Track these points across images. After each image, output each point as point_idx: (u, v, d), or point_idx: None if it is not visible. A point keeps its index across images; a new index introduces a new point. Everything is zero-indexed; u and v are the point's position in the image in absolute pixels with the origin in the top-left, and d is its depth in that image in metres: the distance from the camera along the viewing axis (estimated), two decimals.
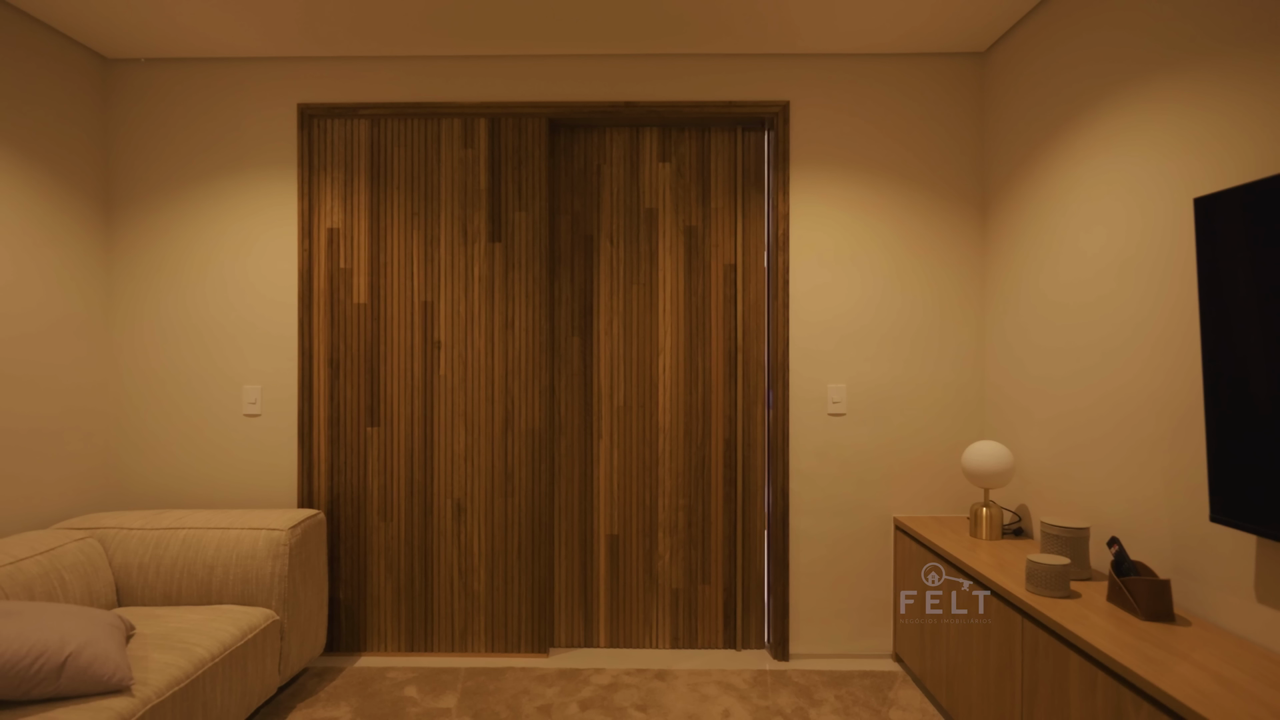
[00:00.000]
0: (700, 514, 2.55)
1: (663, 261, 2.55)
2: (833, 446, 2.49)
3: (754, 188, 2.55)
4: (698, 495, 2.55)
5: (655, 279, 2.56)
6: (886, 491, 2.49)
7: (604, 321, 2.56)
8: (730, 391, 2.55)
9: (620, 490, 2.56)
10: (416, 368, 2.50)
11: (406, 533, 2.50)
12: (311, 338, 2.49)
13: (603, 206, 2.57)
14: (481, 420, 2.49)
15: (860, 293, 2.49)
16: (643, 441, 2.56)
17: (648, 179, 2.56)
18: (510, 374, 2.50)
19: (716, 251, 2.56)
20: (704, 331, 2.55)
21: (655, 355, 2.55)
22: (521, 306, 2.49)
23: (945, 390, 2.49)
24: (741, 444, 2.54)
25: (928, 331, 2.49)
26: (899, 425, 2.49)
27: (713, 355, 2.54)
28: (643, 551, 2.56)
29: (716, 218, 2.56)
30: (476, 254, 2.49)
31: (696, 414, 2.55)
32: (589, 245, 2.57)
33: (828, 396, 2.49)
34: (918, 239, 2.49)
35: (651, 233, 2.56)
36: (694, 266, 2.55)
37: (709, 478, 2.55)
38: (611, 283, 2.56)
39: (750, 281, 2.54)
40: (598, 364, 2.56)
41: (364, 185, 2.50)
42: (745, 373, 2.54)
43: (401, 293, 2.50)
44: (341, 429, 2.49)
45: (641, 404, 2.55)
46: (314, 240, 2.49)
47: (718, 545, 2.55)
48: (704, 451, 2.55)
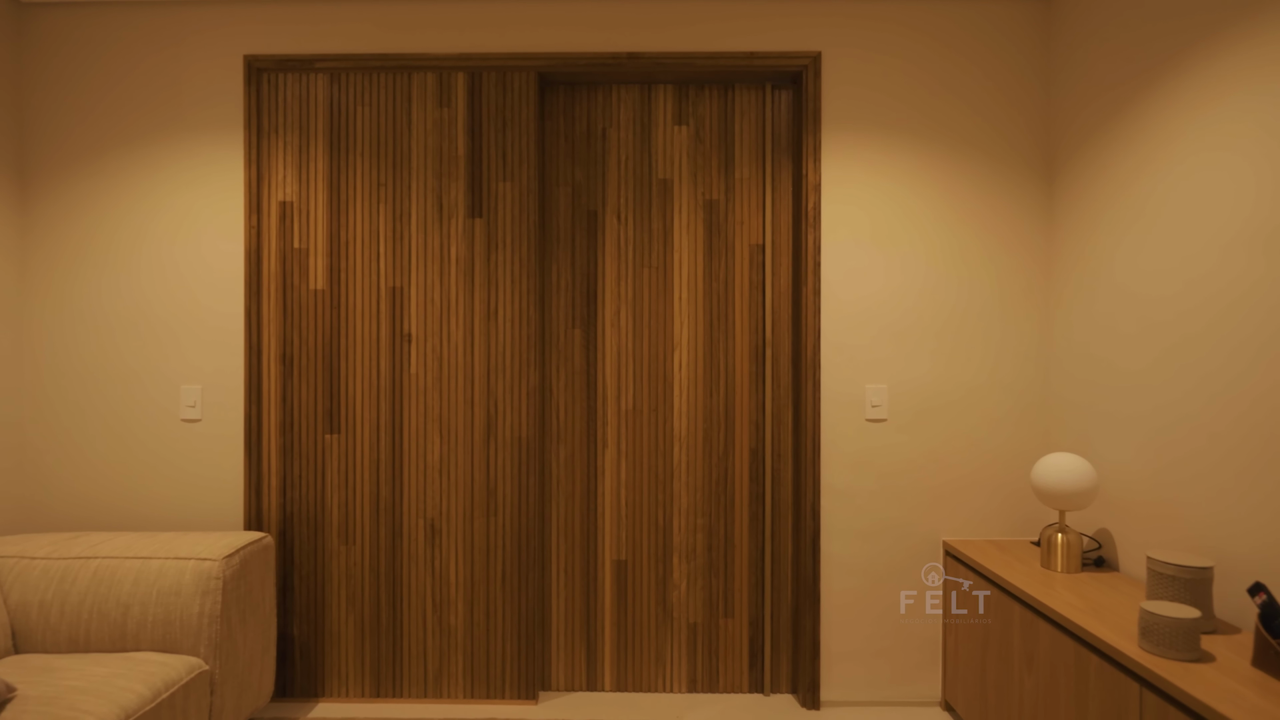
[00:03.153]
0: (722, 536, 2.19)
1: (679, 241, 2.19)
2: (871, 457, 2.12)
3: (785, 155, 2.19)
4: (719, 514, 2.19)
5: (670, 261, 2.19)
6: (934, 511, 2.12)
7: (610, 311, 2.20)
8: (757, 393, 2.18)
9: (629, 508, 2.19)
10: (383, 365, 2.13)
11: (372, 558, 2.13)
12: (260, 330, 2.13)
13: (609, 177, 2.20)
14: (459, 426, 2.13)
15: (903, 277, 2.12)
16: (655, 451, 2.19)
17: (661, 145, 2.19)
18: (493, 372, 2.13)
19: (742, 230, 2.19)
20: (727, 323, 2.18)
21: (670, 351, 2.19)
22: (506, 293, 2.13)
23: (1004, 392, 2.12)
24: (771, 454, 2.17)
25: (983, 323, 2.12)
26: (948, 433, 2.12)
27: (737, 351, 2.17)
28: (655, 579, 2.19)
29: (742, 190, 2.19)
30: (453, 232, 2.13)
31: (718, 420, 2.19)
32: (592, 222, 2.20)
33: (865, 399, 2.12)
34: (970, 213, 2.12)
35: (666, 207, 2.19)
36: (715, 247, 2.19)
37: (732, 494, 2.19)
38: (619, 266, 2.19)
39: (782, 264, 2.18)
40: (602, 361, 2.20)
41: (322, 151, 2.13)
42: (775, 371, 2.17)
43: (366, 277, 2.13)
44: (295, 436, 2.13)
45: (654, 408, 2.19)
46: (263, 215, 2.13)
47: (742, 572, 2.19)
48: (726, 463, 2.19)
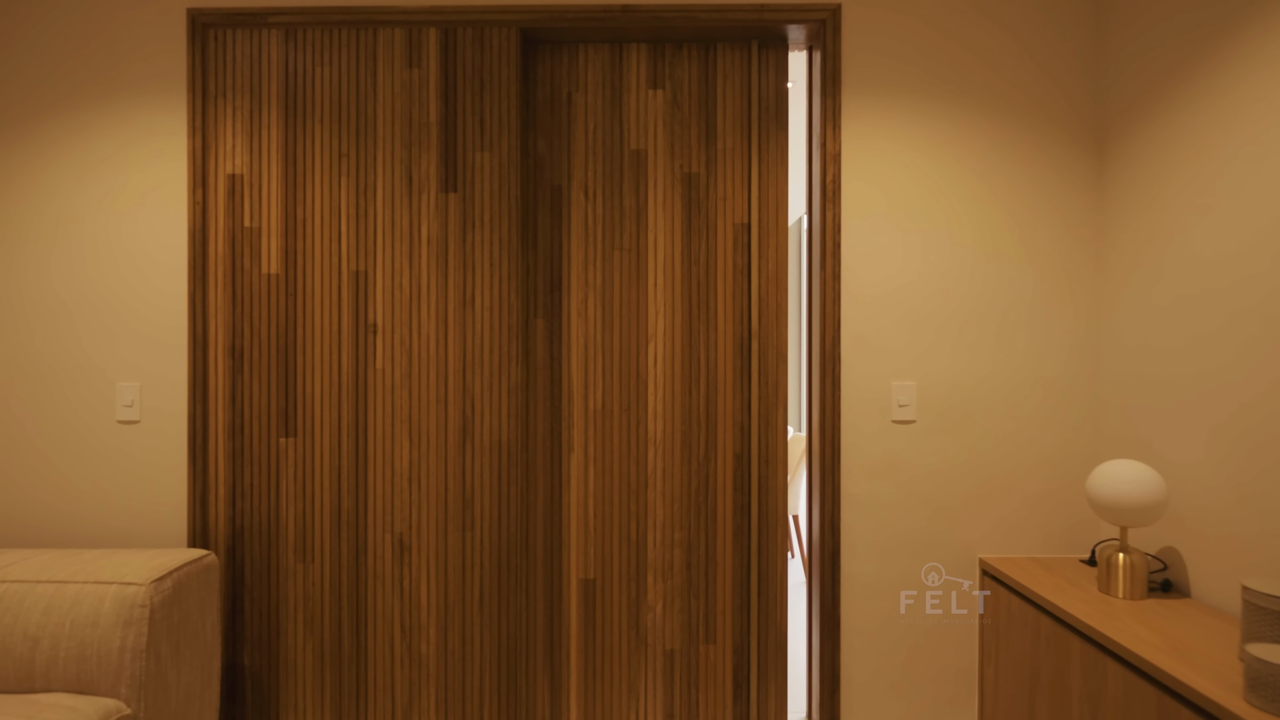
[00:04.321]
0: (703, 551, 1.94)
1: (654, 220, 1.93)
2: (898, 464, 1.87)
3: (774, 123, 1.93)
4: (699, 527, 1.94)
5: (644, 243, 1.93)
6: (969, 524, 1.87)
7: (576, 299, 1.94)
8: (742, 391, 1.93)
9: (597, 520, 1.94)
10: (345, 359, 1.88)
11: (333, 578, 1.89)
12: (205, 320, 1.88)
13: (574, 148, 1.95)
14: (431, 429, 1.88)
15: (935, 260, 1.87)
16: (627, 457, 1.94)
17: (634, 111, 1.94)
18: (470, 367, 1.88)
19: (724, 207, 1.93)
20: (708, 312, 1.93)
21: (643, 343, 1.93)
22: (485, 277, 1.88)
23: (1046, 389, 1.87)
24: (757, 459, 1.92)
25: (1022, 311, 1.87)
26: (985, 436, 1.87)
27: (720, 343, 1.92)
28: (627, 600, 1.94)
29: (725, 162, 1.93)
30: (425, 208, 1.88)
31: (698, 420, 1.93)
32: (556, 198, 1.95)
33: (891, 398, 1.87)
34: (1010, 188, 1.87)
35: (639, 182, 1.94)
36: (695, 226, 1.93)
37: (714, 504, 1.93)
38: (586, 248, 1.94)
39: (769, 245, 1.92)
40: (567, 355, 1.95)
41: (276, 118, 1.88)
42: (762, 366, 1.92)
43: (325, 260, 1.88)
44: (246, 440, 1.88)
45: (625, 408, 1.93)
46: (209, 190, 1.88)
47: (726, 592, 1.93)
48: (707, 469, 1.93)
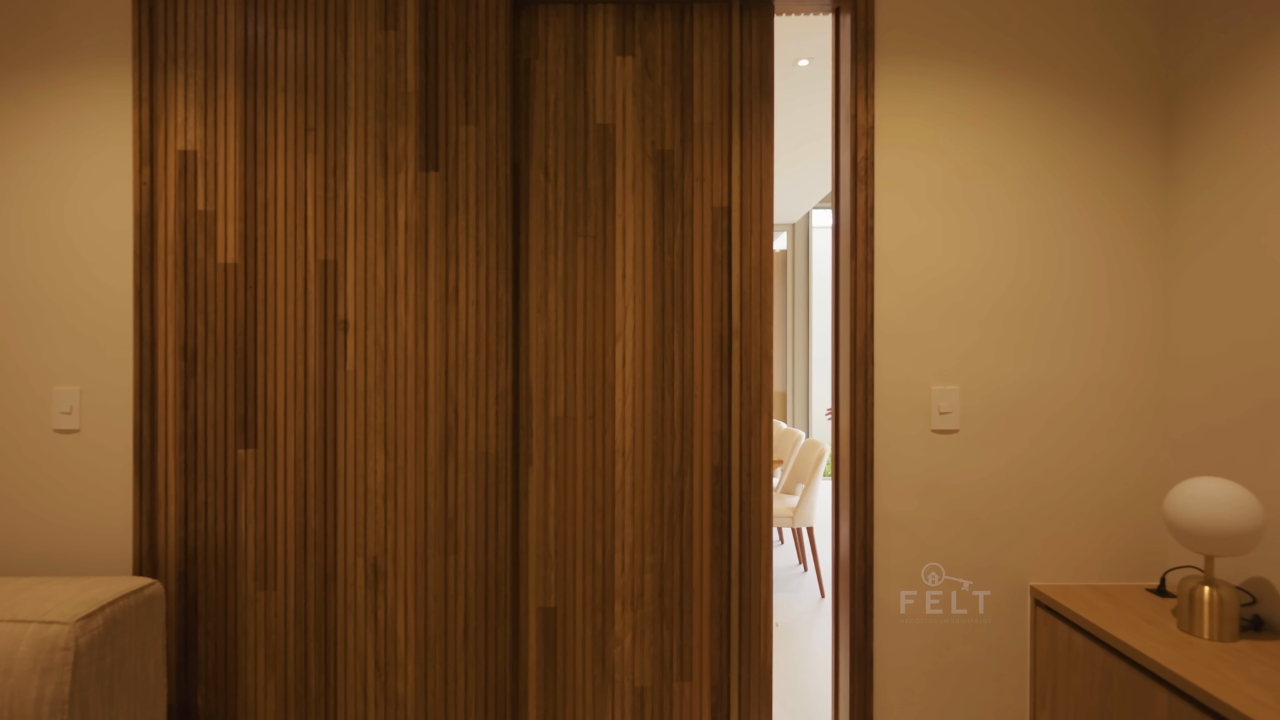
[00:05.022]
0: (677, 576, 1.71)
1: (622, 203, 1.70)
2: (938, 480, 1.65)
3: (758, 94, 1.70)
4: (673, 549, 1.71)
5: (611, 229, 1.70)
6: (1019, 547, 1.65)
7: (535, 292, 1.71)
8: (722, 395, 1.70)
9: (558, 541, 1.71)
10: (312, 360, 1.66)
11: (298, 607, 1.67)
12: (154, 316, 1.66)
13: (533, 122, 1.72)
14: (409, 439, 1.66)
15: (980, 248, 1.65)
16: (592, 470, 1.71)
17: (600, 81, 1.71)
18: (453, 369, 1.66)
19: (702, 188, 1.70)
20: (683, 307, 1.70)
21: (611, 342, 1.70)
22: (470, 267, 1.66)
23: (1108, 394, 1.64)
24: (738, 472, 1.69)
25: (1079, 306, 1.64)
26: (1036, 447, 1.65)
27: (696, 342, 1.69)
28: (592, 632, 1.71)
29: (702, 138, 1.70)
30: (402, 189, 1.66)
31: (671, 429, 1.70)
32: (513, 179, 1.72)
33: (931, 404, 1.65)
34: (1065, 168, 1.64)
35: (606, 160, 1.71)
36: (669, 210, 1.70)
37: (690, 523, 1.70)
38: (546, 235, 1.71)
39: (752, 232, 1.69)
40: (525, 355, 1.72)
41: (233, 87, 1.66)
42: (744, 368, 1.69)
43: (289, 248, 1.66)
44: (200, 452, 1.66)
45: (590, 414, 1.71)
46: (158, 168, 1.66)
47: (703, 623, 1.70)
48: (682, 484, 1.70)
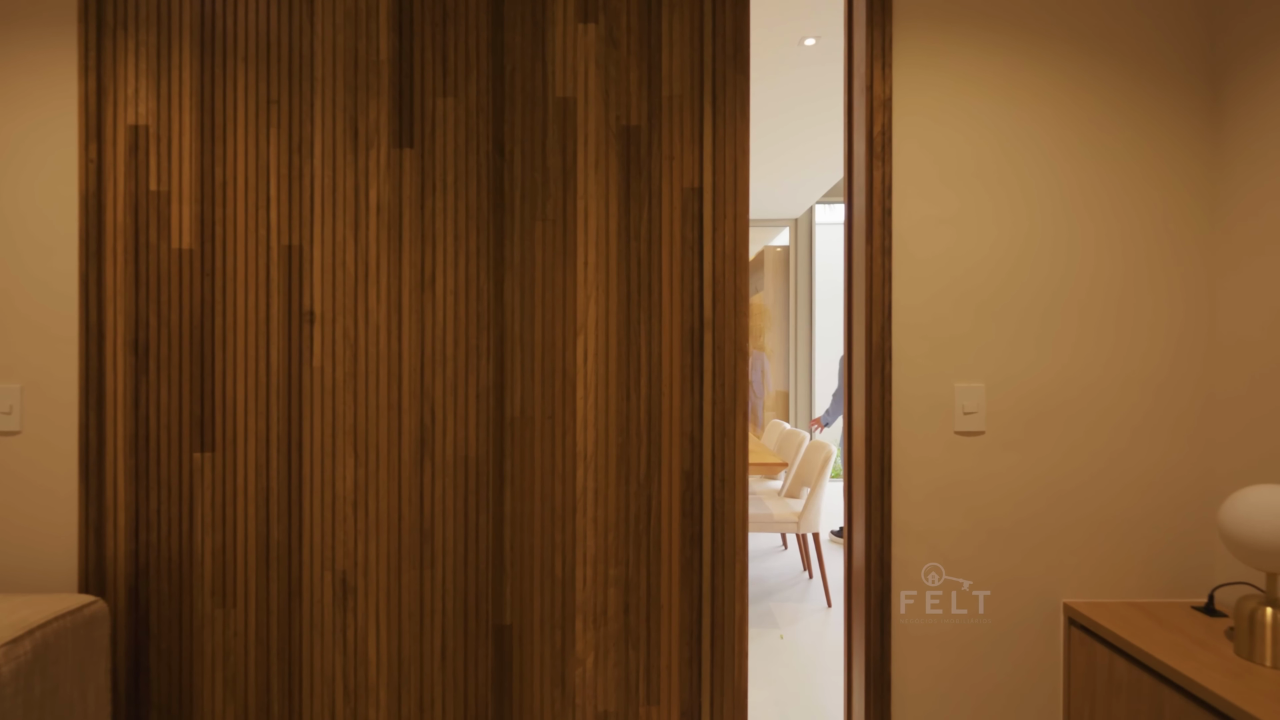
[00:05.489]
0: (644, 591, 1.55)
1: (584, 184, 1.55)
2: (962, 486, 1.50)
3: (732, 65, 1.54)
4: (639, 562, 1.55)
5: (572, 212, 1.55)
6: (1049, 560, 1.50)
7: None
8: (693, 394, 1.55)
9: (514, 553, 1.56)
10: (275, 355, 1.52)
11: (259, 625, 1.52)
12: (102, 307, 1.51)
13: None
14: (382, 441, 1.51)
15: (1009, 232, 1.50)
16: (551, 475, 1.56)
17: (560, 50, 1.56)
18: (429, 364, 1.52)
19: (671, 168, 1.55)
20: (651, 297, 1.55)
21: (571, 336, 1.55)
22: (448, 252, 1.51)
23: (1148, 392, 1.50)
24: (711, 478, 1.55)
25: (1118, 295, 1.50)
26: (1069, 451, 1.50)
27: (665, 336, 1.54)
28: (550, 651, 1.56)
29: (671, 113, 1.55)
30: (373, 167, 1.51)
31: (638, 431, 1.55)
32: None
33: (955, 404, 1.50)
34: (1102, 145, 1.50)
35: (567, 137, 1.55)
36: (635, 192, 1.55)
37: (658, 533, 1.55)
38: (502, 218, 1.56)
39: (726, 215, 1.54)
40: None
41: (189, 55, 1.52)
42: (717, 363, 1.55)
43: (250, 232, 1.52)
44: (153, 455, 1.52)
45: (549, 414, 1.55)
46: (106, 145, 1.51)
47: (672, 642, 1.55)
48: (649, 491, 1.55)
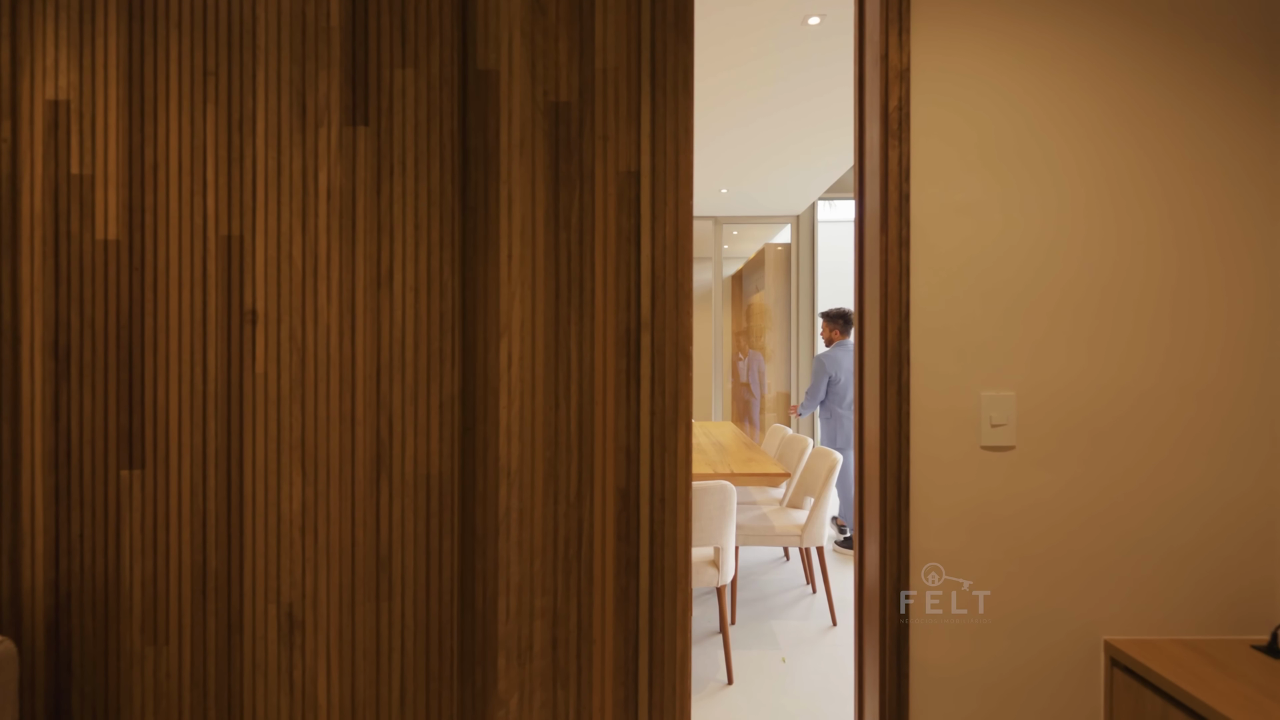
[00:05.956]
0: (574, 624, 1.37)
1: (508, 167, 1.36)
2: (990, 508, 1.33)
3: (674, 33, 1.36)
4: (569, 591, 1.37)
5: (494, 198, 1.37)
6: (1089, 592, 1.33)
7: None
8: (629, 402, 1.37)
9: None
10: (213, 360, 1.35)
11: (195, 666, 1.35)
12: (15, 305, 1.34)
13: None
14: (333, 457, 1.34)
15: (1043, 219, 1.32)
16: (469, 493, 1.38)
17: (481, 16, 1.37)
18: (386, 370, 1.34)
19: (605, 149, 1.37)
20: (581, 294, 1.37)
21: (493, 338, 1.36)
22: (408, 244, 1.34)
23: (1213, 405, 1.32)
24: (650, 497, 1.37)
25: (1169, 293, 1.32)
26: (1112, 467, 1.32)
27: (597, 337, 1.37)
28: (471, 692, 1.37)
29: (605, 88, 1.37)
30: (324, 148, 1.34)
31: (567, 443, 1.37)
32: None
33: (981, 414, 1.32)
34: (1149, 121, 1.32)
35: (488, 115, 1.37)
36: (565, 175, 1.37)
37: (590, 559, 1.37)
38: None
39: (666, 202, 1.36)
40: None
41: (115, 21, 1.34)
42: (656, 368, 1.37)
43: (185, 221, 1.34)
44: (75, 473, 1.34)
45: (467, 426, 1.38)
46: (20, 122, 1.34)
47: (605, 680, 1.37)
48: (581, 511, 1.37)
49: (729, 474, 2.48)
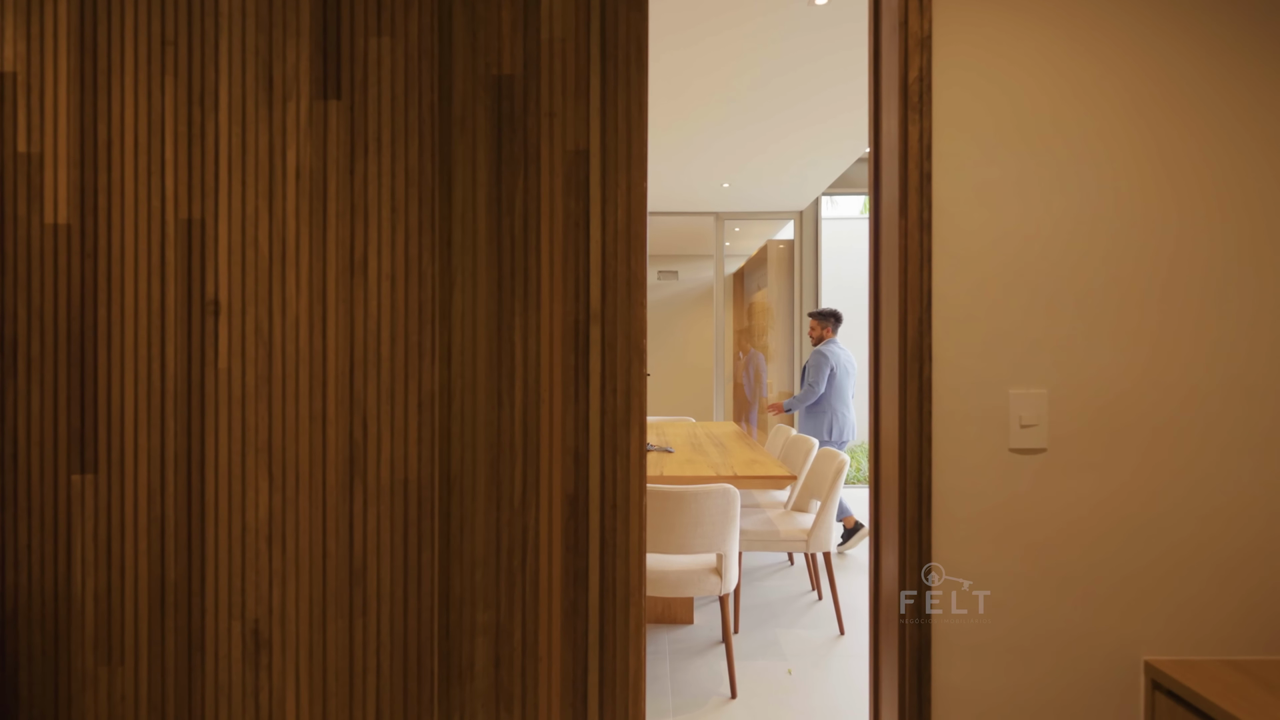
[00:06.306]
0: (518, 641, 1.25)
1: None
2: (1018, 516, 1.21)
3: (625, 1, 1.25)
4: (513, 605, 1.25)
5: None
6: (1129, 609, 1.21)
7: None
8: (577, 401, 1.26)
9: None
10: (171, 355, 1.24)
11: (153, 688, 1.24)
12: None
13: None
14: (302, 460, 1.23)
15: (1077, 201, 1.21)
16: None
17: None
18: (360, 366, 1.23)
19: (552, 127, 1.25)
20: (526, 283, 1.25)
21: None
22: (384, 228, 1.23)
23: (1260, 401, 1.20)
24: (601, 503, 1.26)
25: (1216, 281, 1.21)
26: (1155, 472, 1.21)
27: (544, 330, 1.25)
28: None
29: (552, 60, 1.25)
30: (292, 124, 1.23)
31: (511, 446, 1.26)
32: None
33: (1009, 414, 1.21)
34: (1194, 93, 1.21)
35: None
36: (508, 156, 1.25)
37: (535, 571, 1.26)
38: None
39: (618, 184, 1.25)
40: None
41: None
42: (608, 364, 1.26)
43: (141, 203, 1.24)
44: (22, 478, 1.23)
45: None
46: None
47: (552, 701, 1.25)
48: (525, 520, 1.26)
49: (732, 476, 2.37)
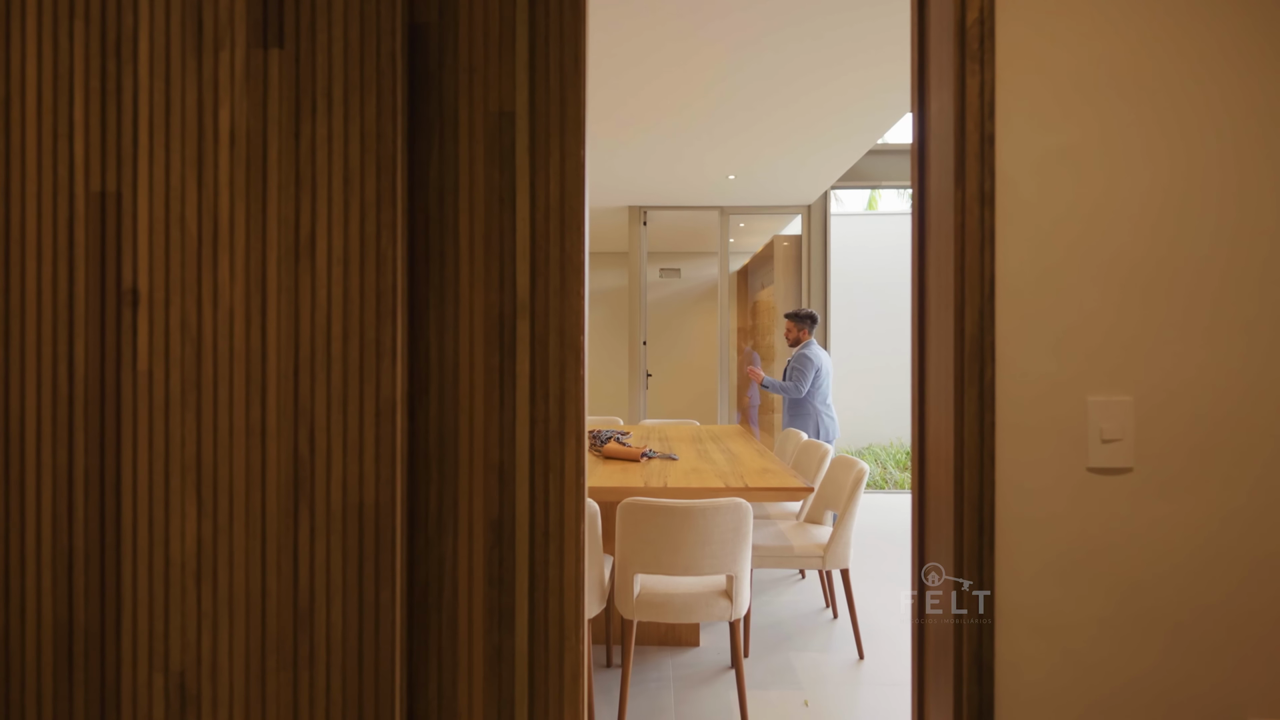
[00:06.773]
0: (434, 692, 1.05)
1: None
2: (1098, 547, 1.01)
3: None
4: (427, 649, 1.06)
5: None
6: (1231, 661, 1.01)
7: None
8: (501, 408, 1.06)
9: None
10: (80, 354, 1.03)
11: None
12: None
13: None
14: (237, 481, 1.03)
15: (1173, 171, 1.01)
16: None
17: None
18: (307, 367, 1.03)
19: (471, 84, 1.06)
20: (443, 270, 1.06)
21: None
22: (336, 202, 1.03)
23: None
24: (530, 529, 1.06)
25: None
26: (1261, 497, 1.00)
27: (462, 325, 1.06)
28: None
29: (472, 6, 1.06)
30: (225, 78, 1.03)
31: (424, 462, 1.07)
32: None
33: (1088, 426, 1.00)
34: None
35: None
36: (421, 117, 1.02)
37: (453, 610, 1.06)
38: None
39: (550, 151, 1.06)
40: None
41: None
42: (538, 364, 1.07)
43: (45, 173, 1.04)
44: None
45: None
46: None
47: None
48: (441, 548, 1.06)
49: (742, 488, 2.17)
